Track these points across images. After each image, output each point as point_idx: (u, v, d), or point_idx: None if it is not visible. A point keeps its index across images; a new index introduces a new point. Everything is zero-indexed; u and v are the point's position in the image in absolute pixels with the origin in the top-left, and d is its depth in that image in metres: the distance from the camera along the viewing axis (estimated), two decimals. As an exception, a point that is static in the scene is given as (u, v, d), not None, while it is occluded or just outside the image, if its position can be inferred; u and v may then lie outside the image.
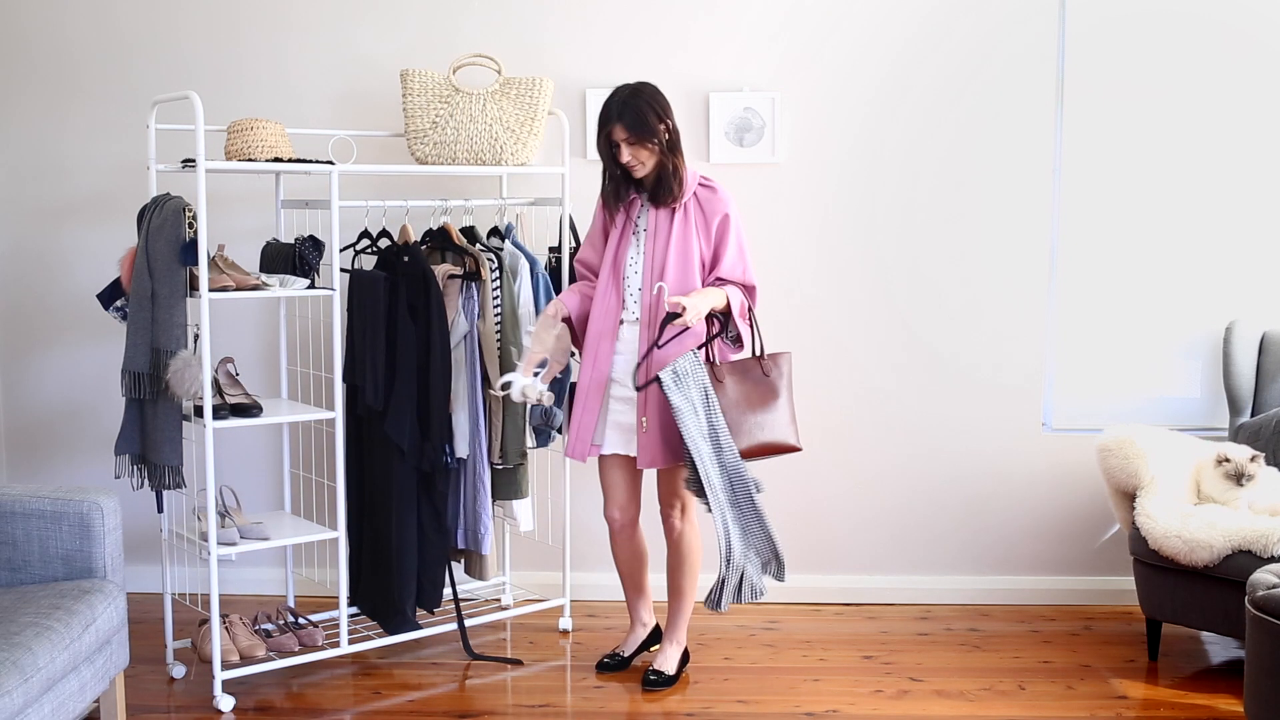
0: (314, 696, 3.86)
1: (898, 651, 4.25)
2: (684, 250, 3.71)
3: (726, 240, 3.75)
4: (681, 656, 4.01)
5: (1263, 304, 4.66)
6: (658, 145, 3.65)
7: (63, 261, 4.71)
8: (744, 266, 3.80)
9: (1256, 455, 4.11)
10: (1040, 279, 4.66)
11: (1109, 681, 3.99)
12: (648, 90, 3.70)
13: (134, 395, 3.72)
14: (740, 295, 3.76)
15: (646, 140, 3.64)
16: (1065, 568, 4.74)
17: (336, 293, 3.89)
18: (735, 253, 3.76)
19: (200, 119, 3.58)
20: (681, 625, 4.01)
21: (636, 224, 3.79)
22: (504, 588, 4.61)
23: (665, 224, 3.73)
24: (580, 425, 3.80)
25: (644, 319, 3.73)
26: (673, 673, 3.95)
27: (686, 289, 3.70)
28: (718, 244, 3.75)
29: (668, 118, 3.69)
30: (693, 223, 3.73)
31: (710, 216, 3.74)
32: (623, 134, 3.64)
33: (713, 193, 3.76)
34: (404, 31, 4.61)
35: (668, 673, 3.94)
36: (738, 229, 3.77)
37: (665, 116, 3.68)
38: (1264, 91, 4.62)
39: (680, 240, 3.71)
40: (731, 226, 3.75)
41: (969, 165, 4.62)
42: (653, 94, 3.70)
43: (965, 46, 4.59)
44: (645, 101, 3.66)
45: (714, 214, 3.74)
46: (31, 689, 2.84)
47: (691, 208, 3.74)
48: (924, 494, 4.74)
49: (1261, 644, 3.17)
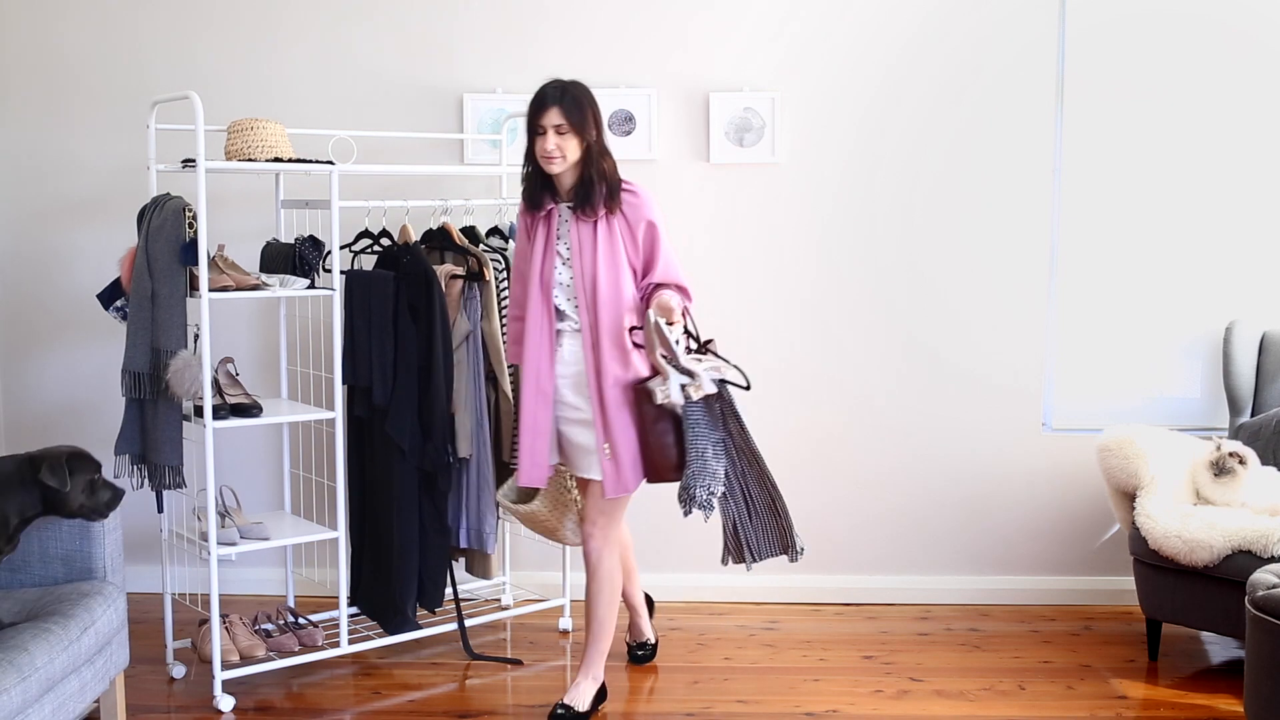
0: (314, 696, 3.86)
1: (898, 651, 4.25)
2: (613, 262, 3.50)
3: (658, 245, 3.54)
4: (597, 693, 3.73)
5: (1263, 304, 4.66)
6: (585, 144, 3.45)
7: (63, 261, 4.71)
8: (678, 271, 3.59)
9: (1244, 456, 4.09)
10: (1040, 279, 4.66)
11: (1109, 681, 3.99)
12: (582, 86, 3.51)
13: (134, 395, 3.72)
14: (680, 299, 3.53)
15: (576, 133, 3.43)
16: (1065, 568, 4.74)
17: (336, 293, 3.89)
18: (666, 257, 3.56)
19: (200, 119, 3.58)
20: (598, 659, 3.72)
21: (559, 236, 3.56)
22: (504, 587, 4.61)
23: (590, 236, 3.50)
24: (532, 448, 3.57)
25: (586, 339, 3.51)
26: (584, 709, 3.66)
27: (621, 302, 3.50)
28: (649, 251, 3.54)
29: (600, 122, 3.51)
30: (618, 232, 3.51)
31: (635, 223, 3.52)
32: (556, 119, 3.42)
33: (635, 197, 3.54)
34: (403, 32, 4.60)
35: (578, 709, 3.66)
36: (665, 232, 3.57)
37: (598, 119, 3.50)
38: (1264, 91, 4.62)
39: (609, 253, 3.49)
40: (660, 231, 3.55)
41: (969, 165, 4.62)
42: (587, 90, 3.51)
43: (965, 46, 4.59)
44: (585, 95, 3.48)
45: (639, 220, 3.52)
46: (30, 689, 2.84)
47: (616, 218, 3.52)
48: (924, 494, 4.74)
49: (1261, 644, 3.17)
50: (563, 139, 3.43)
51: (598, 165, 3.48)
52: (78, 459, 3.21)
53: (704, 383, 3.42)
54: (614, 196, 3.50)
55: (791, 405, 4.70)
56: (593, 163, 3.47)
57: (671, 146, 4.63)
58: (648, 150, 4.60)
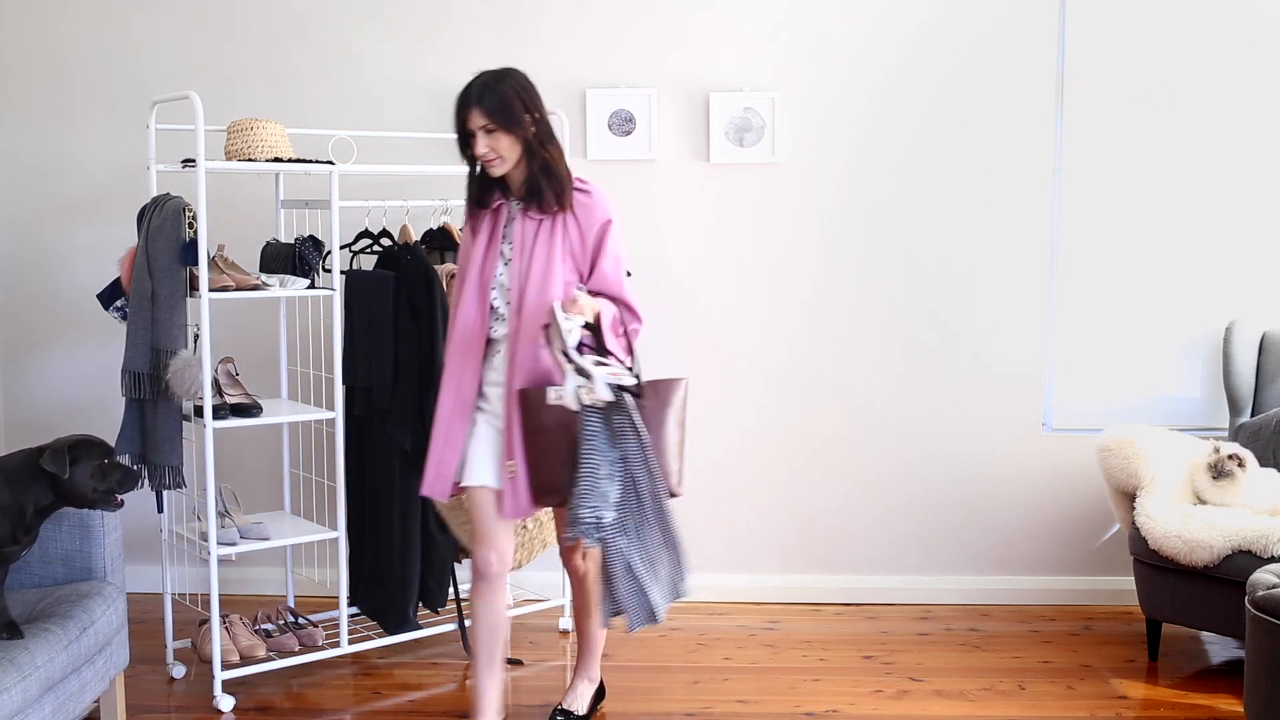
0: (314, 696, 3.86)
1: (898, 651, 4.25)
2: (548, 264, 3.19)
3: (603, 252, 3.23)
4: (595, 693, 3.69)
5: (1263, 304, 4.66)
6: (521, 138, 3.14)
7: (63, 261, 4.71)
8: (622, 281, 3.27)
9: (1243, 459, 4.09)
10: (1040, 279, 4.66)
11: (1109, 681, 3.99)
12: (515, 76, 3.20)
13: (134, 395, 3.72)
14: (614, 310, 3.22)
15: (507, 130, 3.14)
16: (1065, 568, 4.74)
17: (337, 293, 3.89)
18: (613, 264, 3.24)
19: (200, 119, 3.58)
20: (593, 660, 3.65)
21: (505, 234, 3.26)
22: (504, 588, 4.60)
23: (533, 234, 3.21)
24: (439, 459, 3.27)
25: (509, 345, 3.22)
26: (583, 713, 3.63)
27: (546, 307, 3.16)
28: (593, 257, 3.23)
29: (536, 109, 3.18)
30: (569, 233, 3.21)
31: (587, 227, 3.22)
32: (480, 120, 3.14)
33: (589, 197, 3.23)
34: (403, 31, 4.61)
35: (578, 713, 3.62)
36: (617, 238, 3.26)
37: (533, 107, 3.17)
38: (1264, 91, 4.62)
39: (546, 254, 3.19)
40: (611, 235, 3.24)
41: (969, 165, 4.62)
42: (521, 81, 3.20)
43: (965, 46, 4.59)
44: (511, 87, 3.16)
45: (592, 223, 3.22)
46: (30, 688, 2.84)
47: (567, 217, 3.22)
48: (924, 494, 4.74)
49: (1261, 644, 3.17)
50: (493, 139, 3.15)
51: (540, 159, 3.18)
52: (82, 445, 3.16)
53: (598, 386, 3.04)
54: (564, 192, 3.20)
55: (791, 405, 4.70)
56: (535, 157, 3.17)
57: (671, 146, 4.63)
58: (648, 150, 4.60)
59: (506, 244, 3.25)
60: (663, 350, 4.68)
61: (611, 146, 4.60)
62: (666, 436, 3.20)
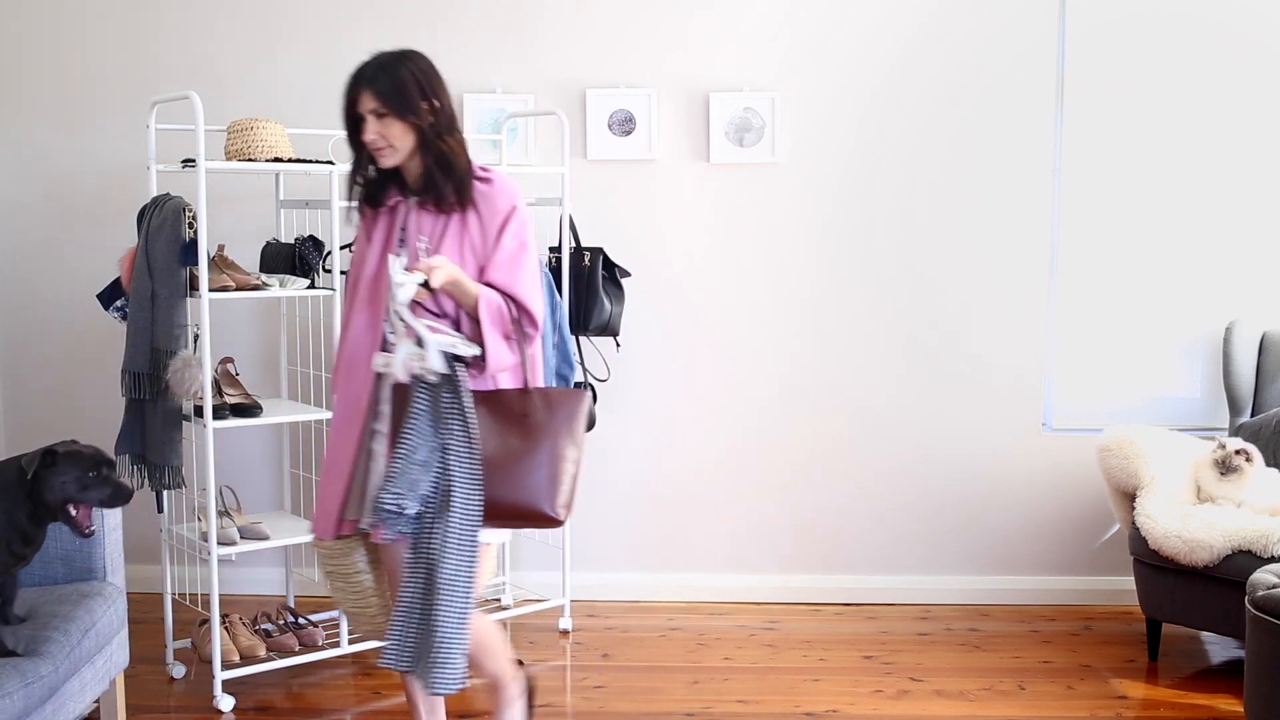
0: (314, 696, 3.85)
1: (898, 651, 4.25)
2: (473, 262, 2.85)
3: (501, 240, 2.85)
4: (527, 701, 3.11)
5: (1263, 304, 4.66)
6: (416, 127, 2.81)
7: (63, 261, 4.71)
8: (517, 274, 2.84)
9: (1250, 453, 4.09)
10: (1040, 279, 4.66)
11: (1109, 681, 3.99)
12: (416, 58, 2.89)
13: (134, 395, 3.72)
14: (498, 301, 2.81)
15: (400, 116, 2.81)
16: (1065, 568, 4.74)
17: (337, 293, 3.89)
18: (509, 256, 2.85)
19: (200, 119, 3.58)
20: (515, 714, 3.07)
21: (403, 234, 2.89)
22: (503, 588, 4.61)
23: (433, 233, 2.87)
24: (326, 492, 2.89)
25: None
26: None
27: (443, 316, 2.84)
28: (494, 245, 2.86)
29: (435, 96, 2.85)
30: (469, 230, 2.86)
31: (489, 218, 2.87)
32: (371, 103, 2.82)
33: (490, 185, 2.89)
34: (403, 31, 4.60)
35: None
36: (520, 228, 2.88)
37: (432, 94, 2.85)
38: (1264, 91, 4.62)
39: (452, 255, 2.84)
40: (513, 224, 2.87)
41: (969, 165, 4.62)
42: (422, 65, 2.89)
43: (965, 46, 4.59)
44: (409, 70, 2.85)
45: (494, 213, 2.87)
46: (33, 693, 2.84)
47: (469, 213, 2.88)
48: (924, 494, 4.74)
49: (1261, 644, 3.17)
50: (384, 125, 2.82)
51: (436, 151, 2.83)
52: (70, 453, 2.97)
53: (430, 354, 2.70)
54: (464, 188, 2.86)
55: (791, 405, 4.70)
56: (430, 149, 2.83)
57: (671, 146, 4.63)
58: (648, 150, 4.60)
59: (404, 247, 2.89)
60: (662, 350, 4.69)
61: (611, 146, 4.60)
62: (550, 452, 2.78)
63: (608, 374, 4.56)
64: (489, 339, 2.78)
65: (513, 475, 2.77)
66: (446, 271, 2.73)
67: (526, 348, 2.85)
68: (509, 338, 2.83)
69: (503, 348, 2.82)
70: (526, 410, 2.81)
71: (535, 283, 2.88)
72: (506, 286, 2.82)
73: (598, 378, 4.53)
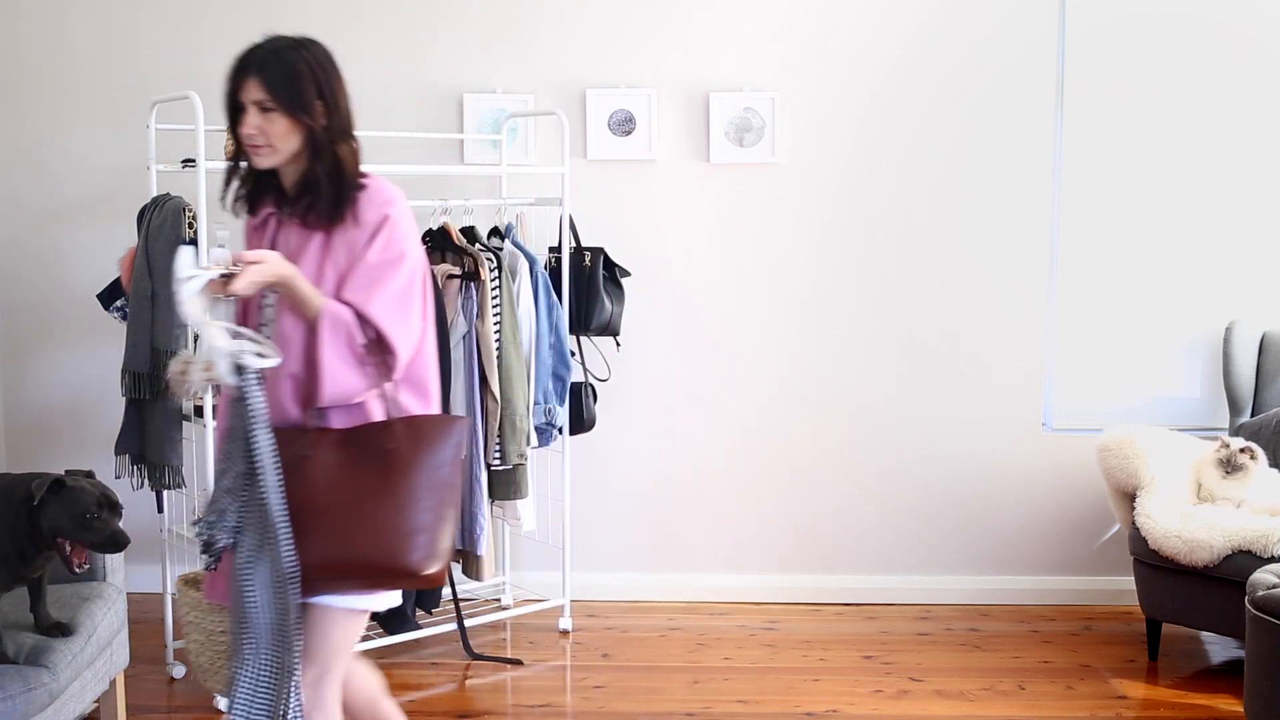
0: (314, 696, 3.85)
1: (898, 651, 4.25)
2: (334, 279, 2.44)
3: (367, 252, 2.42)
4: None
5: (1263, 304, 4.66)
6: (305, 127, 2.43)
7: (63, 261, 4.71)
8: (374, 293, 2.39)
9: (1254, 451, 4.09)
10: (1040, 279, 4.66)
11: (1109, 681, 3.99)
12: (315, 49, 2.53)
13: (134, 395, 3.72)
14: (347, 318, 2.36)
15: (289, 113, 2.42)
16: (1065, 568, 4.74)
17: (336, 293, 3.88)
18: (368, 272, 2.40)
19: (200, 119, 3.58)
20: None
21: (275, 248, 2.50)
22: (503, 588, 4.61)
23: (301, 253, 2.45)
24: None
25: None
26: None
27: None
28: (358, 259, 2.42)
29: (332, 95, 2.47)
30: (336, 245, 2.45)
31: (357, 231, 2.44)
32: (257, 93, 2.44)
33: (363, 194, 2.48)
34: (403, 32, 4.60)
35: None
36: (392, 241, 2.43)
37: (329, 93, 2.47)
38: (1264, 91, 4.62)
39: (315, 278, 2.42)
40: (383, 236, 2.43)
41: (969, 165, 4.62)
42: (320, 57, 2.53)
43: (965, 46, 4.59)
44: (306, 61, 2.48)
45: (363, 226, 2.44)
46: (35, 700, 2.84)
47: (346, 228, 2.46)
48: (924, 494, 4.74)
49: (1261, 644, 3.17)
50: (267, 120, 2.43)
51: (328, 159, 2.44)
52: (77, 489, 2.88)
53: (218, 360, 2.26)
54: (342, 201, 2.44)
55: (791, 405, 4.70)
56: (322, 155, 2.44)
57: (671, 146, 4.63)
58: (648, 150, 4.60)
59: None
60: (662, 350, 4.69)
61: (611, 146, 4.60)
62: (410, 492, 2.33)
63: (608, 374, 4.56)
64: (326, 357, 2.34)
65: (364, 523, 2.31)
66: (267, 272, 2.29)
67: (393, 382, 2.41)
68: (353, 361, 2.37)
69: (346, 371, 2.36)
70: (386, 443, 2.36)
71: (401, 305, 2.41)
72: (360, 307, 2.37)
73: (598, 377, 4.53)
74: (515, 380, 4.08)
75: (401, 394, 2.45)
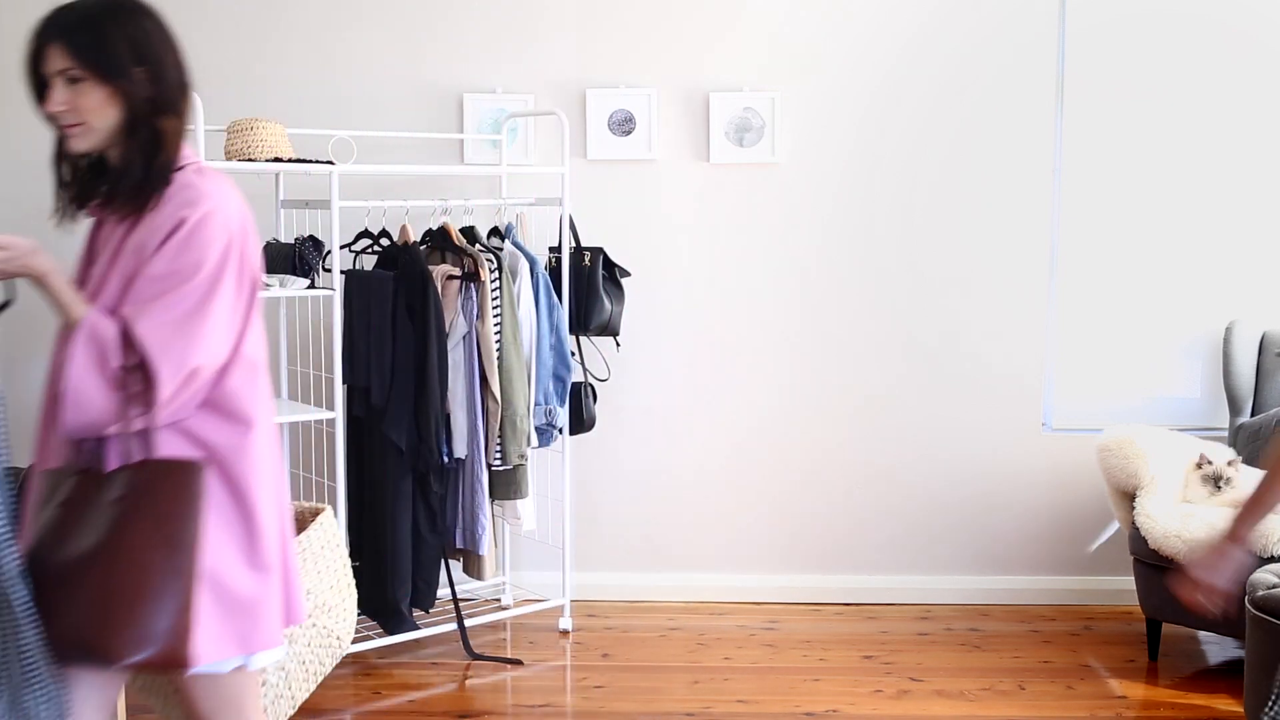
0: (314, 696, 3.84)
1: (898, 651, 4.25)
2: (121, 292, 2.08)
3: (154, 260, 2.03)
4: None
5: (1263, 304, 4.66)
6: (123, 96, 2.05)
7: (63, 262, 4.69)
8: (145, 310, 2.01)
9: (1234, 460, 4.10)
10: (1040, 279, 4.66)
11: (1109, 681, 4.00)
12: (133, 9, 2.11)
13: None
14: (111, 334, 2.01)
15: (102, 80, 2.05)
16: (1065, 568, 4.74)
17: (336, 293, 3.89)
18: (148, 285, 2.03)
19: (200, 119, 3.58)
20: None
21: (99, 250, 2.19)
22: (504, 587, 4.61)
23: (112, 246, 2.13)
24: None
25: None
26: None
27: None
28: (145, 266, 2.04)
29: (154, 60, 2.08)
30: (129, 244, 2.09)
31: (151, 232, 2.05)
32: (61, 61, 2.10)
33: (170, 187, 2.08)
34: (403, 32, 4.60)
35: None
36: (186, 249, 2.03)
37: (150, 57, 2.07)
38: (1264, 91, 4.62)
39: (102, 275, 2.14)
40: (175, 241, 2.03)
41: (969, 165, 4.62)
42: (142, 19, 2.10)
43: (965, 46, 4.59)
44: (121, 24, 2.07)
45: (159, 226, 2.05)
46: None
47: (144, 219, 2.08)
48: (924, 494, 4.74)
49: (1261, 644, 3.17)
50: (77, 92, 2.07)
51: (144, 133, 2.07)
52: None
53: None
54: (148, 186, 2.07)
55: (791, 405, 4.70)
56: (137, 129, 2.07)
57: (671, 146, 4.63)
58: (648, 150, 4.60)
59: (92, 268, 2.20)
60: (662, 350, 4.69)
61: (611, 146, 4.60)
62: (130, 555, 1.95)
63: (608, 374, 4.56)
64: (72, 376, 1.99)
65: (74, 591, 1.95)
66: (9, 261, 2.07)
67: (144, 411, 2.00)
68: (109, 385, 1.99)
69: (94, 395, 1.99)
70: (110, 494, 1.99)
71: (183, 325, 2.00)
72: (128, 324, 2.00)
73: (598, 377, 4.53)
74: (516, 381, 4.08)
75: (205, 421, 2.06)
